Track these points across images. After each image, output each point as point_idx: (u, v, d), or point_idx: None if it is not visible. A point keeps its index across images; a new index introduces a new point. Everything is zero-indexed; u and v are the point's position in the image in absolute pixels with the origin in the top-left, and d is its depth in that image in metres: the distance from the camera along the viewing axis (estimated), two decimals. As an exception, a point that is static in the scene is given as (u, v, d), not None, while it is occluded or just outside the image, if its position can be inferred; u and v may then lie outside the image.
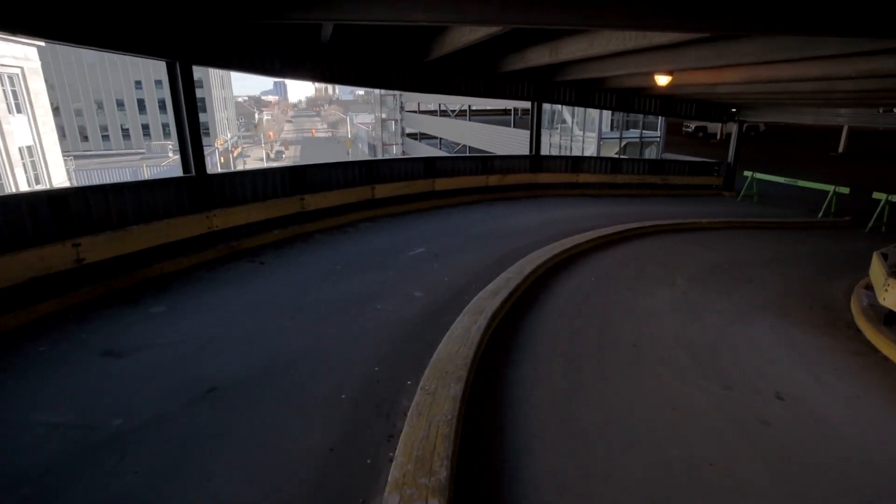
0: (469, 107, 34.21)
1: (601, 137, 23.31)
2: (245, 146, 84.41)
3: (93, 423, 3.96)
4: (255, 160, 74.97)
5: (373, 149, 59.09)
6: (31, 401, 4.32)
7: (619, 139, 24.17)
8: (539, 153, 15.75)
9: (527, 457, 3.81)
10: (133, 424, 3.97)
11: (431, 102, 41.49)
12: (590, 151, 23.43)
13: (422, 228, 11.02)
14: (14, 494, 3.29)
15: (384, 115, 51.69)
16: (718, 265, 9.38)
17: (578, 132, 24.47)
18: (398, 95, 48.00)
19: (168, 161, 43.88)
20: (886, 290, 6.27)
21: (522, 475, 3.63)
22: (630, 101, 16.59)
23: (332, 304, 6.61)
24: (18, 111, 22.11)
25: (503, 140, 27.47)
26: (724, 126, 36.33)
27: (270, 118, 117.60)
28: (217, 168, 54.91)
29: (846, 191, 14.58)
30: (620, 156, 23.29)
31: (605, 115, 23.40)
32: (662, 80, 11.14)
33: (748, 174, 17.05)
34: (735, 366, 5.41)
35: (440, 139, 40.44)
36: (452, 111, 37.50)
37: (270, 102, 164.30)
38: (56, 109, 58.18)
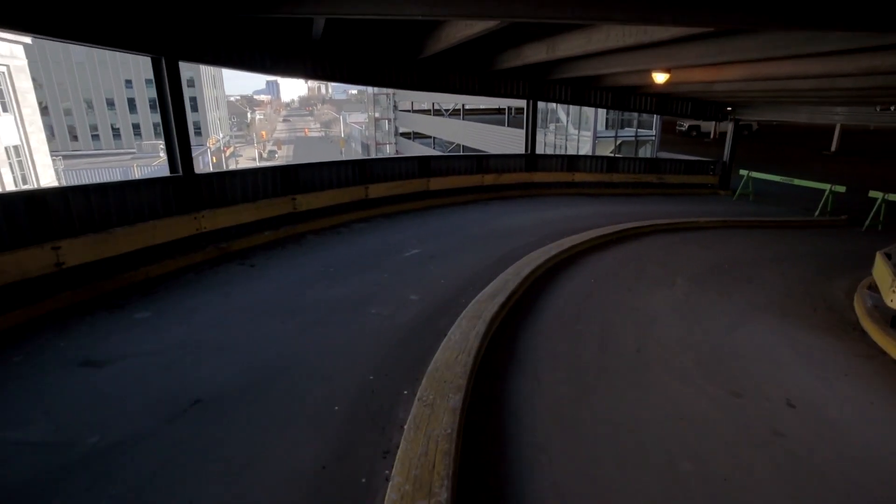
0: (463, 106, 33.97)
1: (596, 136, 23.17)
2: (237, 146, 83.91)
3: (67, 441, 3.70)
4: (248, 160, 74.48)
5: (366, 148, 58.78)
6: (1, 417, 4.05)
7: (615, 138, 24.05)
8: (534, 152, 15.60)
9: (532, 473, 3.58)
10: (110, 442, 3.72)
11: (425, 101, 41.24)
12: (585, 150, 23.28)
13: (417, 229, 10.81)
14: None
15: (377, 115, 51.40)
16: (718, 265, 9.27)
17: (573, 131, 24.32)
18: (391, 94, 47.71)
19: (159, 161, 43.42)
20: (895, 292, 6.13)
21: (528, 494, 3.41)
22: (626, 100, 16.48)
23: (325, 309, 6.38)
24: (4, 110, 21.64)
25: (497, 139, 27.31)
26: (718, 125, 36.51)
27: (263, 118, 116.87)
28: (209, 168, 54.51)
29: (842, 189, 14.55)
30: (616, 154, 23.17)
31: (601, 114, 23.28)
32: (660, 78, 10.98)
33: (744, 173, 16.98)
34: (742, 371, 5.23)
35: (434, 138, 40.21)
36: (446, 110, 37.27)
37: (263, 102, 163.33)
38: (44, 108, 57.45)
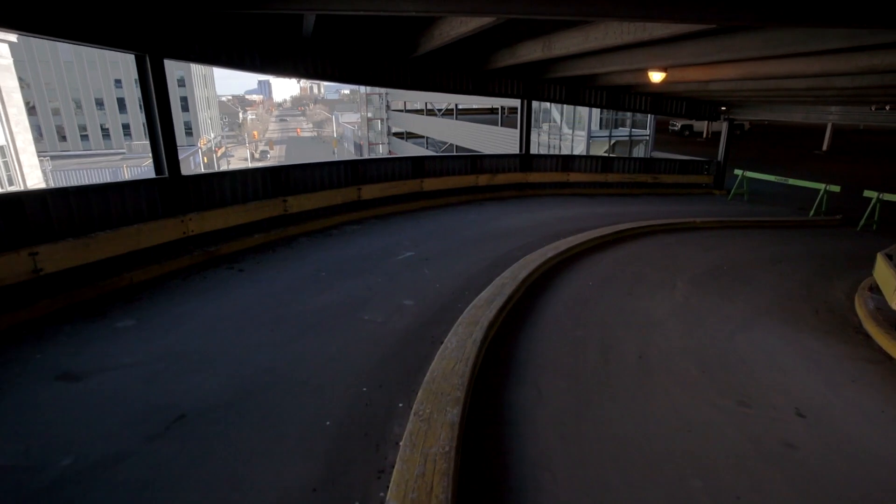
0: (456, 105, 33.80)
1: (591, 136, 23.06)
2: (229, 146, 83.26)
3: (37, 465, 3.46)
4: (240, 160, 73.91)
5: (359, 148, 58.47)
6: (-33, 438, 3.79)
7: (609, 137, 23.96)
8: (529, 152, 15.45)
9: (536, 493, 3.38)
10: (85, 464, 3.48)
11: (418, 101, 41.03)
12: (579, 150, 23.17)
13: (410, 231, 10.60)
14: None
15: (370, 115, 51.13)
16: (717, 267, 9.15)
17: (567, 130, 24.20)
18: (384, 94, 47.47)
19: (149, 162, 42.35)
20: (899, 295, 6.01)
21: (531, 515, 3.22)
22: (620, 99, 16.39)
23: (316, 315, 6.15)
24: (-12, 110, 21.18)
25: (491, 139, 27.16)
26: (711, 125, 36.62)
27: (255, 117, 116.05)
28: (200, 168, 53.98)
29: (837, 189, 14.51)
30: (610, 154, 23.08)
31: (595, 114, 23.16)
32: (657, 77, 10.85)
33: (738, 173, 16.93)
34: (748, 378, 5.07)
35: (427, 138, 39.99)
36: (439, 110, 37.07)
37: (255, 102, 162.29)
38: (31, 108, 56.57)
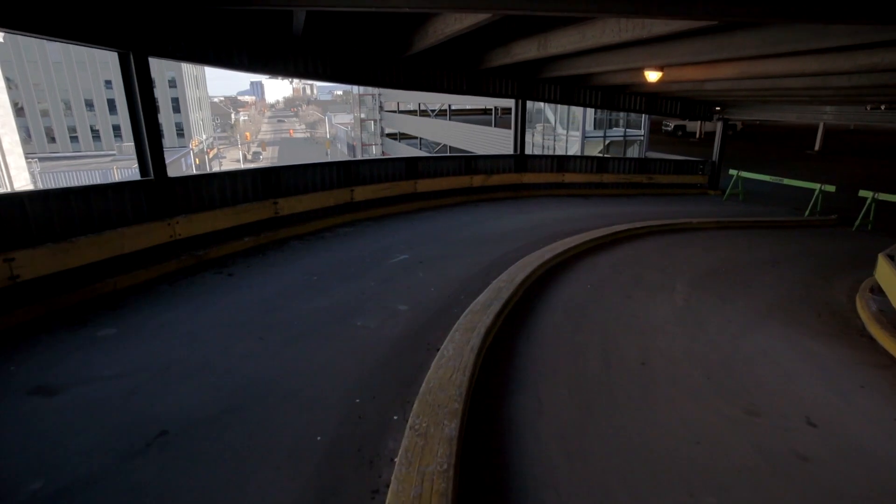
0: (449, 106, 33.63)
1: (585, 136, 22.96)
2: (221, 147, 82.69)
3: (4, 489, 3.22)
4: (232, 161, 73.39)
5: (352, 149, 58.16)
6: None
7: (603, 138, 23.88)
8: (524, 152, 15.30)
9: (539, 513, 3.21)
10: (56, 487, 3.25)
11: (411, 102, 40.83)
12: (573, 150, 23.07)
13: (404, 233, 10.40)
14: None
15: (363, 116, 50.84)
16: (716, 268, 9.03)
17: (562, 131, 24.09)
18: (377, 95, 47.21)
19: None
20: (905, 297, 5.88)
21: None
22: (615, 99, 16.29)
23: (307, 322, 5.94)
24: (-28, 111, 20.77)
25: (484, 139, 27.02)
26: (703, 125, 36.69)
27: (247, 119, 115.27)
28: (192, 170, 53.48)
29: (832, 189, 14.49)
30: (605, 155, 22.99)
31: (589, 114, 23.07)
32: (653, 77, 10.73)
33: (734, 173, 16.88)
34: (754, 385, 4.92)
35: (420, 139, 39.80)
36: (432, 111, 36.89)
37: (247, 103, 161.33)
38: (20, 109, 55.84)
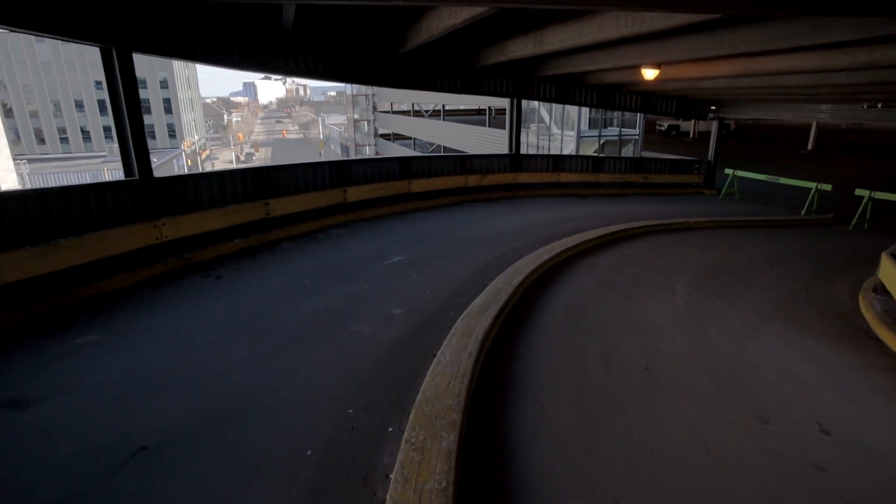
0: (443, 106, 33.41)
1: (580, 136, 22.83)
2: (214, 148, 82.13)
3: (-33, 513, 3.02)
4: (225, 162, 72.91)
5: (345, 150, 57.85)
6: None
7: (598, 137, 23.76)
8: (519, 152, 15.13)
9: (544, 533, 3.02)
10: (25, 510, 3.04)
11: (405, 102, 40.57)
12: (568, 150, 22.94)
13: (399, 234, 10.20)
14: None
15: (356, 116, 50.50)
16: (715, 268, 8.91)
17: (556, 130, 23.95)
18: (370, 95, 46.91)
19: (129, 164, 41.70)
20: (912, 297, 5.76)
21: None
22: (611, 98, 16.18)
23: (298, 327, 5.72)
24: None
25: (478, 139, 26.84)
26: (697, 124, 36.71)
27: (240, 119, 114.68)
28: (184, 171, 52.96)
29: (828, 188, 14.43)
30: (600, 154, 22.88)
31: (584, 113, 22.95)
32: (650, 74, 10.57)
33: (729, 172, 16.81)
34: (762, 390, 4.75)
35: (414, 139, 39.56)
36: (426, 111, 36.65)
37: (240, 104, 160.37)
38: (8, 110, 55.14)
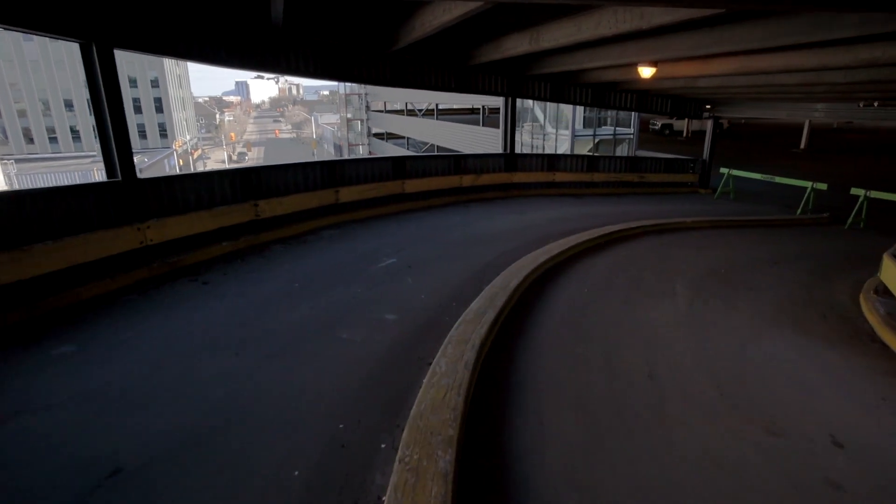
0: (437, 105, 33.22)
1: (574, 135, 22.68)
2: (206, 148, 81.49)
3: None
4: (217, 162, 72.36)
5: (339, 149, 57.46)
6: None
7: (593, 136, 23.63)
8: (514, 151, 14.96)
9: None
10: (-18, 546, 2.80)
11: (398, 102, 40.32)
12: (563, 149, 22.78)
13: (392, 235, 9.97)
14: None
15: (350, 115, 50.13)
16: (714, 270, 8.75)
17: (551, 129, 23.79)
18: (364, 95, 46.59)
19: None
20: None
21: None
22: (606, 97, 16.04)
23: (287, 335, 5.49)
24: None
25: (472, 139, 26.66)
26: (691, 123, 36.75)
27: (232, 119, 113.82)
28: (176, 171, 52.42)
29: (824, 187, 14.39)
30: (594, 153, 22.75)
31: (579, 112, 22.81)
32: (647, 72, 10.40)
33: (724, 171, 16.74)
34: (770, 399, 4.57)
35: (407, 139, 39.34)
36: (419, 110, 36.43)
37: (232, 103, 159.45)
38: (-5, 110, 54.34)
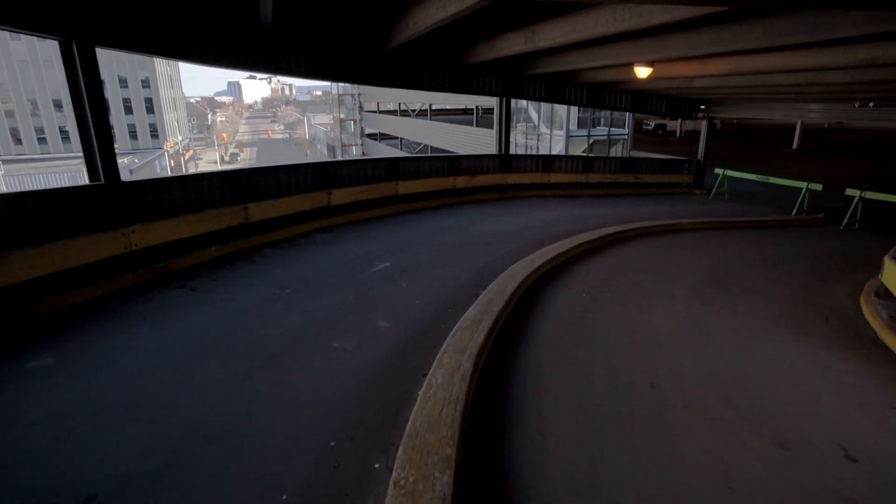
0: (430, 106, 33.02)
1: (569, 135, 22.57)
2: (197, 149, 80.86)
3: None
4: (209, 163, 71.81)
5: (332, 150, 57.18)
6: None
7: (587, 137, 23.53)
8: (508, 152, 14.80)
9: None
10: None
11: (391, 102, 40.08)
12: (557, 150, 22.67)
13: (386, 238, 9.78)
14: None
15: (343, 116, 49.86)
16: (712, 272, 8.64)
17: (545, 130, 23.67)
18: (357, 95, 46.33)
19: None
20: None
21: None
22: (601, 97, 15.93)
23: (277, 344, 5.28)
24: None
25: (466, 139, 26.49)
26: (684, 124, 36.78)
27: (224, 119, 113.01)
28: (167, 172, 51.87)
29: (819, 188, 14.35)
30: (589, 154, 22.65)
31: (573, 112, 22.70)
32: (643, 73, 10.29)
33: (719, 172, 16.68)
34: (777, 409, 4.43)
35: (401, 139, 39.11)
36: (413, 111, 36.22)
37: (224, 103, 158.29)
38: (-17, 110, 53.52)
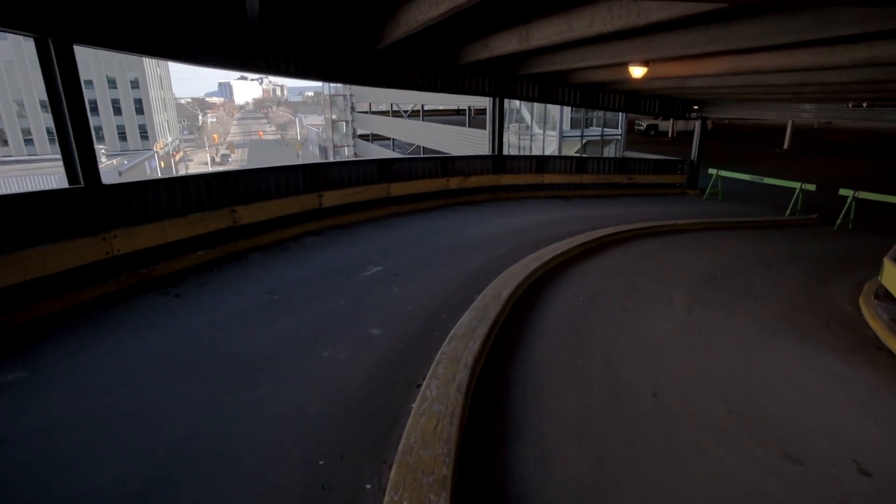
0: (422, 106, 32.85)
1: (562, 136, 22.46)
2: (188, 150, 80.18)
3: None
4: (199, 164, 71.19)
5: (324, 151, 56.85)
6: None
7: (581, 137, 23.43)
8: (502, 153, 14.64)
9: None
10: None
11: (383, 103, 39.87)
12: (550, 150, 22.54)
13: (378, 241, 9.57)
14: None
15: (334, 117, 49.53)
16: (710, 274, 8.53)
17: (538, 130, 23.54)
18: (349, 96, 46.05)
19: (104, 165, 40.57)
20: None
21: None
22: (594, 97, 15.81)
23: (264, 354, 5.06)
24: None
25: (458, 140, 26.33)
26: (676, 124, 36.89)
27: (215, 120, 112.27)
28: (157, 173, 51.29)
29: (812, 188, 14.33)
30: (582, 154, 22.55)
31: (566, 113, 22.60)
32: (637, 72, 10.15)
33: (713, 172, 16.62)
34: (785, 418, 4.28)
35: (393, 140, 38.90)
36: (405, 111, 36.02)
37: (215, 104, 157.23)
38: (-33, 111, 52.68)
